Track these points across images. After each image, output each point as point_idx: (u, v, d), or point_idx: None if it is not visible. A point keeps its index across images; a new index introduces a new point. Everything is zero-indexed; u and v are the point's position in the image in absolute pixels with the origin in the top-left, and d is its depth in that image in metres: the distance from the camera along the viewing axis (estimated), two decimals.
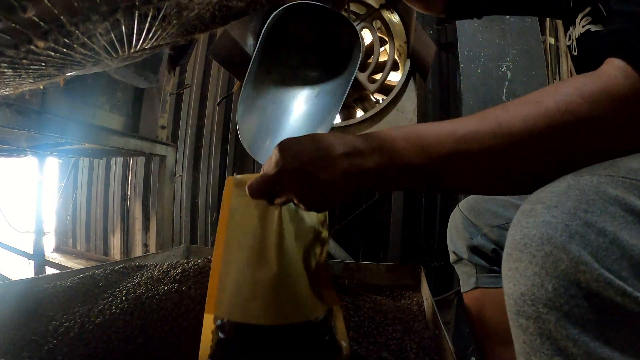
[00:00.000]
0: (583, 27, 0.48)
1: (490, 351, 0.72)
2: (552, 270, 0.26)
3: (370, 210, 1.74)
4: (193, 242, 2.11)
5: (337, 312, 0.53)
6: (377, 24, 1.14)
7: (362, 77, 1.10)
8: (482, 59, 1.40)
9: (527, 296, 0.27)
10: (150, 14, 0.43)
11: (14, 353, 0.52)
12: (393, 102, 1.06)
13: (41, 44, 0.39)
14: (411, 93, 1.07)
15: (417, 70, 1.09)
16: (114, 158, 2.46)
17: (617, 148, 0.33)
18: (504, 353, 0.71)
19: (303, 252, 0.52)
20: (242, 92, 0.86)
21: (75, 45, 0.42)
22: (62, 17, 0.37)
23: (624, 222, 0.27)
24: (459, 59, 1.42)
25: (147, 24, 0.44)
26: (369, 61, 1.12)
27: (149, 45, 0.50)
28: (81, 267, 1.13)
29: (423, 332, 0.66)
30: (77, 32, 0.39)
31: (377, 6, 1.13)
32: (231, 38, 1.03)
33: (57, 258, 2.56)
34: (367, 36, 1.15)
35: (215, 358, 0.44)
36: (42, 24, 0.37)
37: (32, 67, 0.44)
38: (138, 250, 2.31)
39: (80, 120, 1.19)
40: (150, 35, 0.47)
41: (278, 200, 0.46)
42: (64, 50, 0.42)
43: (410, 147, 0.37)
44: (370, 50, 1.13)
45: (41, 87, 0.57)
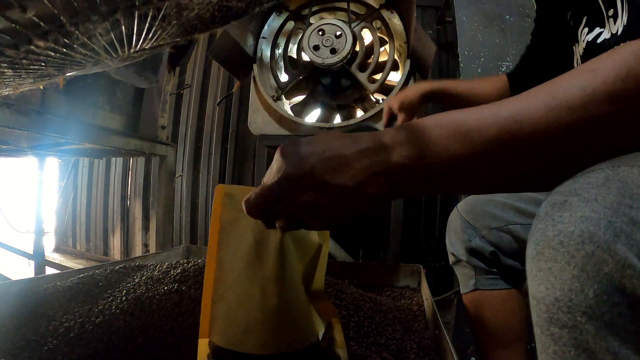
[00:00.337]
0: (584, 41, 0.48)
1: (490, 353, 0.72)
2: (594, 273, 0.23)
3: None
4: (193, 242, 2.11)
5: (335, 324, 0.52)
6: (377, 24, 1.15)
7: (362, 77, 1.10)
8: (482, 59, 1.40)
9: (562, 302, 0.24)
10: (150, 14, 0.43)
11: (13, 353, 0.52)
12: None
13: (41, 44, 0.39)
14: None
15: (417, 70, 1.09)
16: (114, 158, 2.46)
17: None
18: (504, 354, 0.71)
19: (303, 271, 0.49)
20: None
21: (75, 45, 0.42)
22: (62, 17, 0.37)
23: None
24: (459, 59, 1.42)
25: (147, 24, 0.44)
26: (369, 61, 1.12)
27: (149, 45, 0.50)
28: (81, 267, 1.13)
29: (423, 332, 0.66)
30: (77, 32, 0.39)
31: (377, 6, 1.13)
32: (231, 38, 1.03)
33: (57, 258, 2.56)
34: (367, 36, 1.15)
35: None
36: (42, 24, 0.37)
37: (32, 67, 0.44)
38: (138, 250, 2.31)
39: (80, 120, 1.19)
40: (150, 35, 0.47)
41: (281, 223, 0.37)
42: (64, 50, 0.42)
43: (446, 134, 0.30)
44: (370, 50, 1.13)
45: (41, 87, 0.57)
